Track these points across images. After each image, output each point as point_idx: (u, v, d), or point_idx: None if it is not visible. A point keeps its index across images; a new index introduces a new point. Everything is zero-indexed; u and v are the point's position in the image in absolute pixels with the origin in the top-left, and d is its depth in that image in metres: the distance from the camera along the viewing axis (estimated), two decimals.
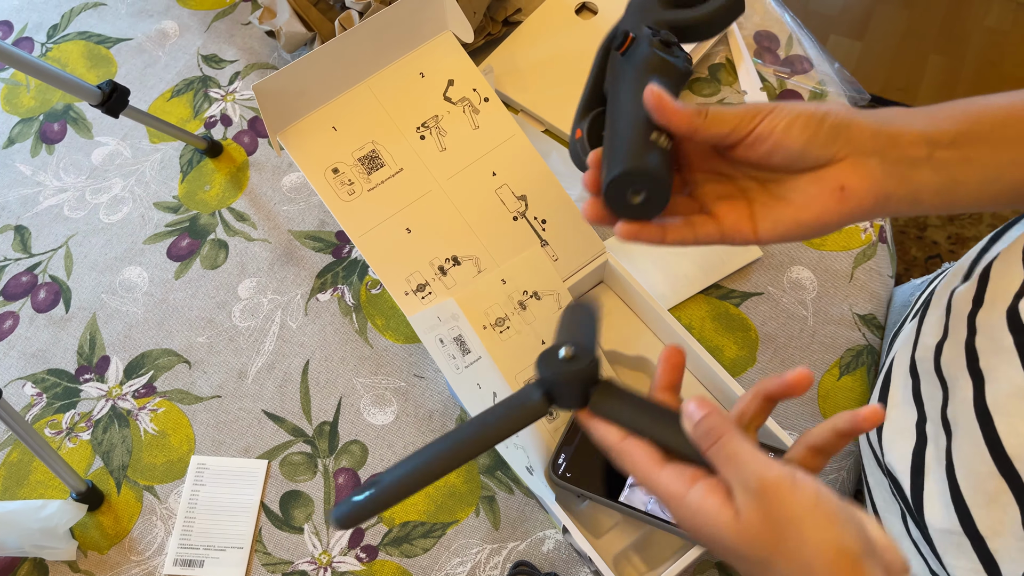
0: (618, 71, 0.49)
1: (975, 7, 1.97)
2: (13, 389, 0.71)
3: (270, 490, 0.67)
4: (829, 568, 0.34)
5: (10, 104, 0.86)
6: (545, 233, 0.66)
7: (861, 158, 0.42)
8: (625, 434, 0.42)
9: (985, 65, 1.89)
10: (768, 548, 0.35)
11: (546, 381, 0.43)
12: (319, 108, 0.64)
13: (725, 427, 0.38)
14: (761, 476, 0.36)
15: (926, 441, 0.52)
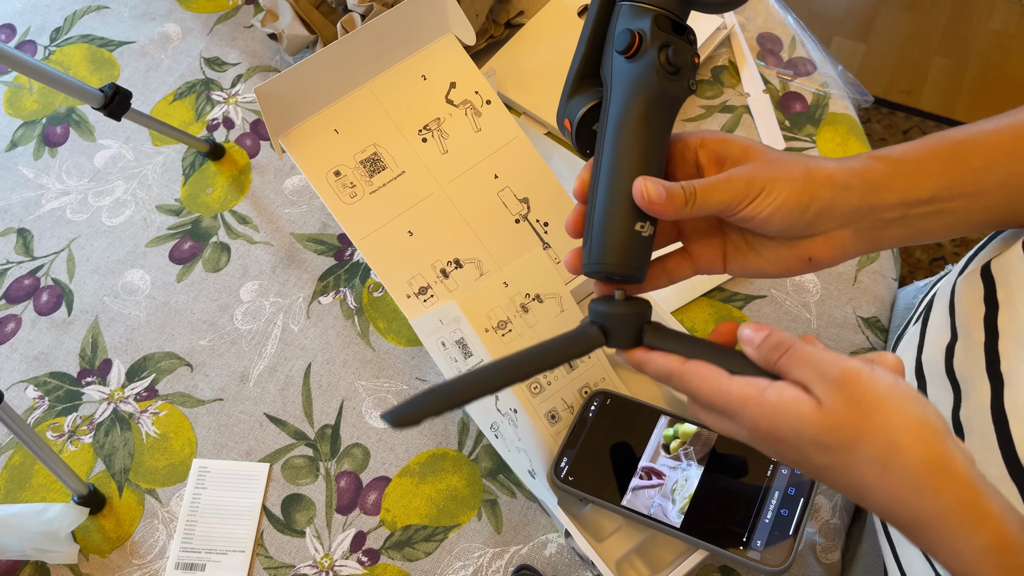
0: (618, 80, 0.46)
1: (979, 9, 1.97)
2: (15, 392, 0.71)
3: (272, 493, 0.67)
4: (917, 441, 0.35)
5: (12, 107, 0.86)
6: (547, 236, 0.66)
7: (836, 231, 0.45)
8: (684, 359, 0.43)
9: (989, 67, 1.88)
10: (852, 431, 0.36)
11: (603, 316, 0.45)
12: (321, 111, 0.64)
13: (790, 339, 0.40)
14: (841, 365, 0.37)
15: None
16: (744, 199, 0.43)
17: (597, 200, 0.46)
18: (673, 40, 0.45)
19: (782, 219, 0.43)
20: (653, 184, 0.43)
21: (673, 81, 0.45)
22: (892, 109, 1.82)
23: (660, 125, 0.45)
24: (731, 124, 0.80)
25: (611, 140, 0.46)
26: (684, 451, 0.60)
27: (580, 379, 0.65)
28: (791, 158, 0.45)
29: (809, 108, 0.81)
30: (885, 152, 0.46)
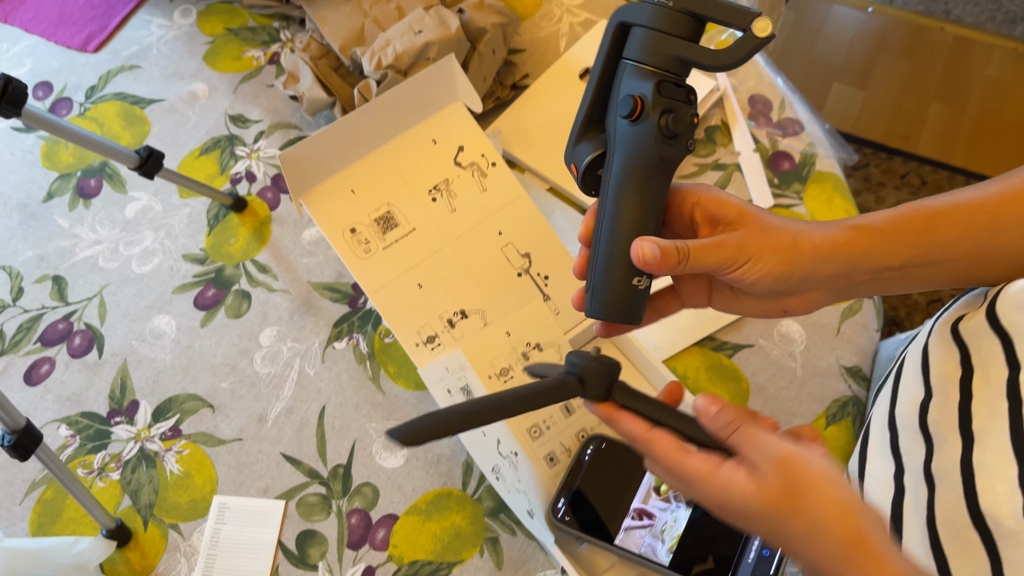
0: (620, 141, 0.49)
1: (976, 57, 2.02)
2: (49, 431, 0.76)
3: (287, 529, 0.71)
4: (838, 521, 0.42)
5: (49, 160, 0.92)
6: (547, 288, 0.71)
7: (813, 294, 0.51)
8: (650, 426, 0.48)
9: (986, 113, 1.93)
10: (787, 510, 0.43)
11: (579, 368, 0.50)
12: (339, 172, 0.70)
13: (740, 418, 0.46)
14: (779, 451, 0.44)
15: (904, 492, 0.56)
16: (733, 264, 0.48)
17: (599, 253, 0.50)
18: (674, 106, 0.47)
19: (766, 285, 0.48)
20: (649, 246, 0.48)
21: (672, 145, 0.47)
22: (890, 154, 1.87)
23: (658, 186, 0.49)
24: (723, 181, 0.85)
25: (612, 199, 0.49)
26: (673, 494, 0.64)
27: (577, 424, 0.69)
28: (779, 228, 0.49)
29: (797, 167, 0.86)
30: (867, 222, 0.50)
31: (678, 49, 0.46)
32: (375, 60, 0.80)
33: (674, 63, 0.47)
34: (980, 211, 0.50)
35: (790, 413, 0.73)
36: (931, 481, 0.52)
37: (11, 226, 0.87)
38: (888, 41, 2.06)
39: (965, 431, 0.50)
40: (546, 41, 0.96)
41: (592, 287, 0.51)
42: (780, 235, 0.48)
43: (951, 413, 0.52)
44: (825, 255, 0.48)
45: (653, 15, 0.46)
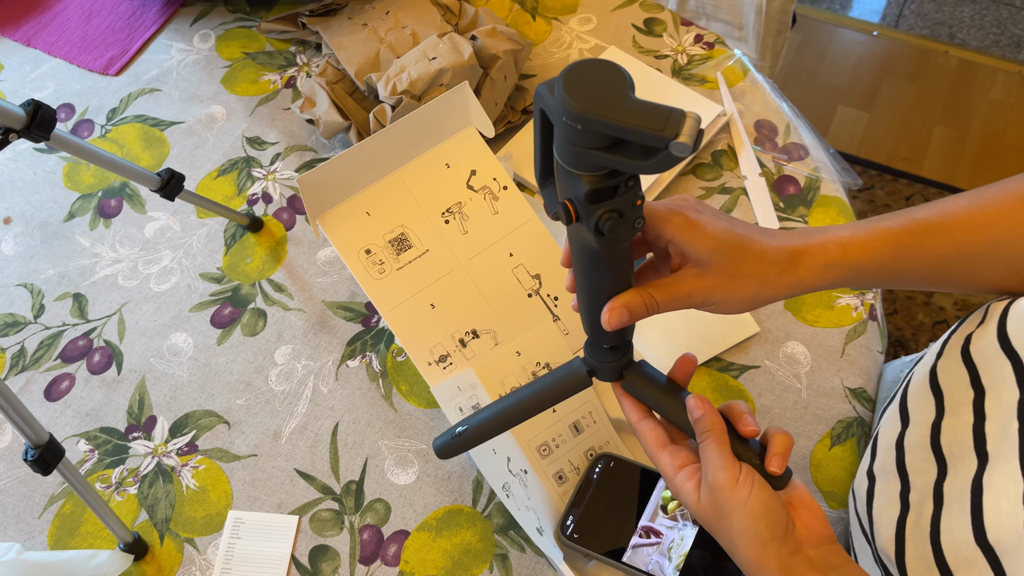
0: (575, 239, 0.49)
1: (980, 80, 2.05)
2: (68, 445, 0.78)
3: (300, 544, 0.72)
4: (746, 546, 0.50)
5: (71, 181, 0.94)
6: (557, 309, 0.73)
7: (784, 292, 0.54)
8: (643, 415, 0.56)
9: (990, 136, 1.95)
10: (715, 525, 0.52)
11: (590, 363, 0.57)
12: (355, 195, 0.71)
13: (712, 429, 0.52)
14: (714, 476, 0.50)
15: (908, 510, 0.57)
16: (702, 306, 0.54)
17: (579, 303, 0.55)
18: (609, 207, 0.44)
19: (736, 313, 0.55)
20: (616, 315, 0.51)
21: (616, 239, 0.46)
22: (895, 176, 1.89)
23: (614, 259, 0.50)
24: (729, 205, 0.86)
25: (577, 273, 0.52)
26: (680, 512, 0.65)
27: (586, 442, 0.71)
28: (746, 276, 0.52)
29: (802, 191, 0.87)
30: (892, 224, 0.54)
31: (601, 160, 0.42)
32: (390, 85, 0.82)
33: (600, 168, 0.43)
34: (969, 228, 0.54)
35: (795, 433, 0.74)
36: (940, 500, 0.53)
37: (33, 245, 0.90)
38: (893, 64, 2.09)
39: (980, 452, 0.52)
40: (556, 67, 0.98)
41: (586, 324, 0.55)
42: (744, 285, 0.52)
43: (965, 434, 0.53)
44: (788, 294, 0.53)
45: (566, 130, 0.41)
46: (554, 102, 0.41)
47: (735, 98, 0.94)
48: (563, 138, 0.42)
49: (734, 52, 0.98)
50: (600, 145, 0.42)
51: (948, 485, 0.53)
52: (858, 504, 0.64)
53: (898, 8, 2.19)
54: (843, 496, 0.71)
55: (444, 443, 0.61)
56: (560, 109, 0.41)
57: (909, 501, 0.57)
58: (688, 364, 0.57)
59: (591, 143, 0.42)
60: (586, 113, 0.40)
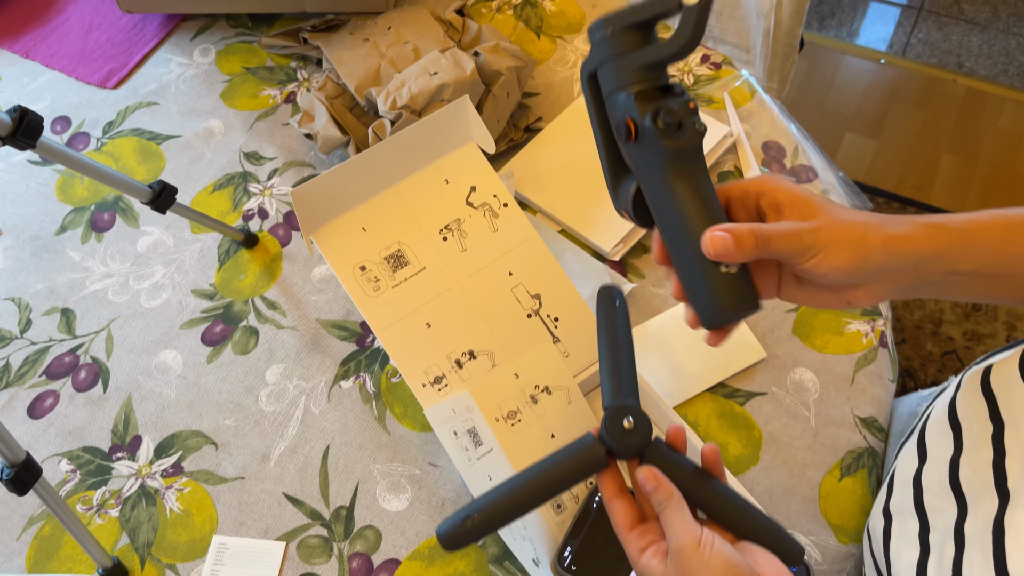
0: (640, 163, 0.50)
1: (988, 109, 2.03)
2: (49, 465, 0.75)
3: (286, 572, 0.69)
4: None
5: (64, 194, 0.92)
6: (557, 330, 0.70)
7: (878, 286, 0.48)
8: (616, 492, 0.52)
9: (998, 165, 1.93)
10: None
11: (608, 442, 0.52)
12: (350, 210, 0.69)
13: (669, 498, 0.49)
14: (677, 540, 0.47)
15: (929, 551, 0.54)
16: (807, 253, 0.47)
17: (681, 267, 0.50)
18: (661, 103, 0.47)
19: (835, 277, 0.47)
20: (718, 235, 0.47)
21: (680, 136, 0.47)
22: (903, 204, 1.87)
23: (694, 177, 0.48)
24: None
25: (663, 212, 0.49)
26: None
27: None
28: (850, 220, 0.48)
29: None
30: (943, 220, 0.48)
31: (635, 61, 0.48)
32: (390, 100, 0.81)
33: (639, 73, 0.48)
34: None
35: (803, 463, 0.71)
36: (961, 541, 0.51)
37: (23, 258, 0.88)
38: (900, 92, 2.08)
39: (1001, 490, 0.49)
40: (560, 85, 0.96)
41: (694, 302, 0.50)
42: (852, 228, 0.47)
43: (985, 471, 0.51)
44: (896, 250, 0.47)
45: (601, 50, 0.49)
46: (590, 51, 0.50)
47: (742, 119, 0.92)
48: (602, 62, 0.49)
49: (741, 73, 0.96)
50: (631, 46, 0.48)
51: (969, 525, 0.51)
52: (874, 544, 0.61)
53: (906, 36, 2.19)
54: (853, 530, 0.68)
55: (450, 531, 0.52)
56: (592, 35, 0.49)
57: (929, 543, 0.54)
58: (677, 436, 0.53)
59: (623, 45, 0.48)
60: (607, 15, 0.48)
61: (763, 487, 0.71)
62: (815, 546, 0.68)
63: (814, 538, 0.68)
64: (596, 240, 0.83)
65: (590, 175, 0.87)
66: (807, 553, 0.67)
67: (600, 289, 0.60)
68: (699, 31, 0.46)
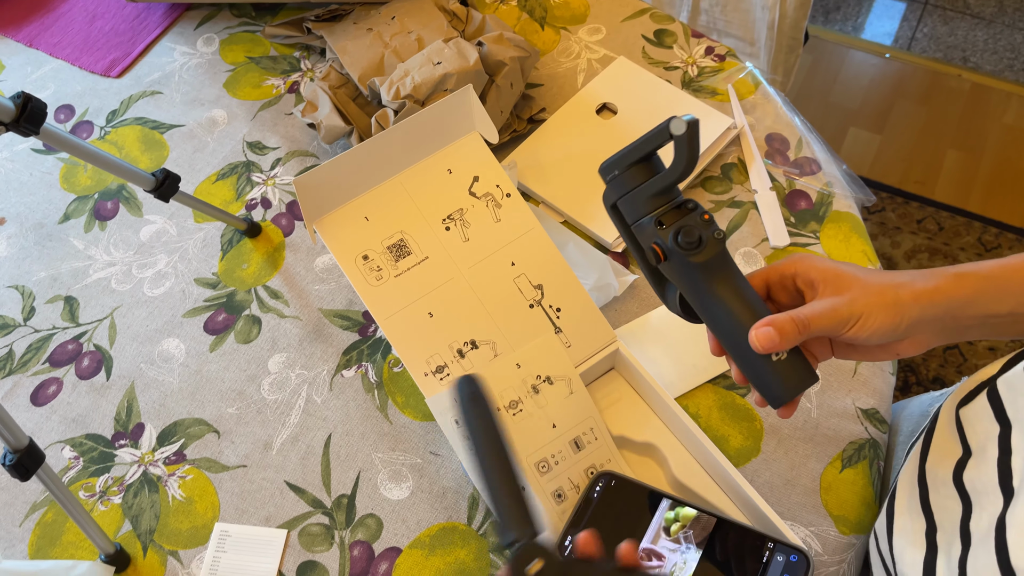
0: (675, 277, 0.55)
1: (993, 105, 2.03)
2: (52, 452, 0.75)
3: (288, 560, 0.69)
4: None
5: (68, 182, 0.92)
6: (559, 321, 0.70)
7: (921, 336, 0.52)
8: None
9: (1003, 161, 1.93)
10: None
11: None
12: (353, 200, 0.69)
13: None
14: None
15: (937, 551, 0.54)
16: (845, 325, 0.51)
17: (735, 358, 0.55)
18: (679, 223, 0.53)
19: (878, 338, 0.51)
20: (762, 332, 0.51)
21: (703, 250, 0.52)
22: (907, 199, 1.87)
23: (726, 279, 0.53)
24: (739, 219, 0.84)
25: (708, 315, 0.55)
26: (684, 534, 0.62)
27: (587, 460, 0.68)
28: (880, 284, 0.51)
29: (814, 206, 0.85)
30: (972, 269, 0.52)
31: (646, 191, 0.54)
32: (393, 90, 0.80)
33: (654, 200, 0.54)
34: None
35: (804, 455, 0.71)
36: (967, 539, 0.51)
37: (26, 246, 0.88)
38: (905, 87, 2.07)
39: (1006, 487, 0.49)
40: (564, 76, 0.96)
41: (758, 387, 0.55)
42: (884, 291, 0.51)
43: (990, 471, 0.51)
44: (928, 302, 0.51)
45: (616, 187, 0.56)
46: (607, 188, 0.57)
47: (746, 111, 0.92)
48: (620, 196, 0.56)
49: (746, 65, 0.96)
50: (640, 179, 0.54)
51: (974, 524, 0.51)
52: (880, 543, 0.62)
53: (911, 30, 2.18)
54: (854, 521, 0.68)
55: None
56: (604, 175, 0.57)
57: (936, 542, 0.54)
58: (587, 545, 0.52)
59: (633, 181, 0.55)
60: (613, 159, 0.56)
61: (764, 479, 0.71)
62: (816, 537, 0.68)
63: (815, 529, 0.68)
64: (598, 231, 0.83)
65: (593, 167, 0.86)
66: (807, 545, 0.68)
67: (454, 386, 0.57)
68: (694, 155, 0.51)
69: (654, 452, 0.70)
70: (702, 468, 0.68)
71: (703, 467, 0.68)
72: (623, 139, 0.88)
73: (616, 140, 0.88)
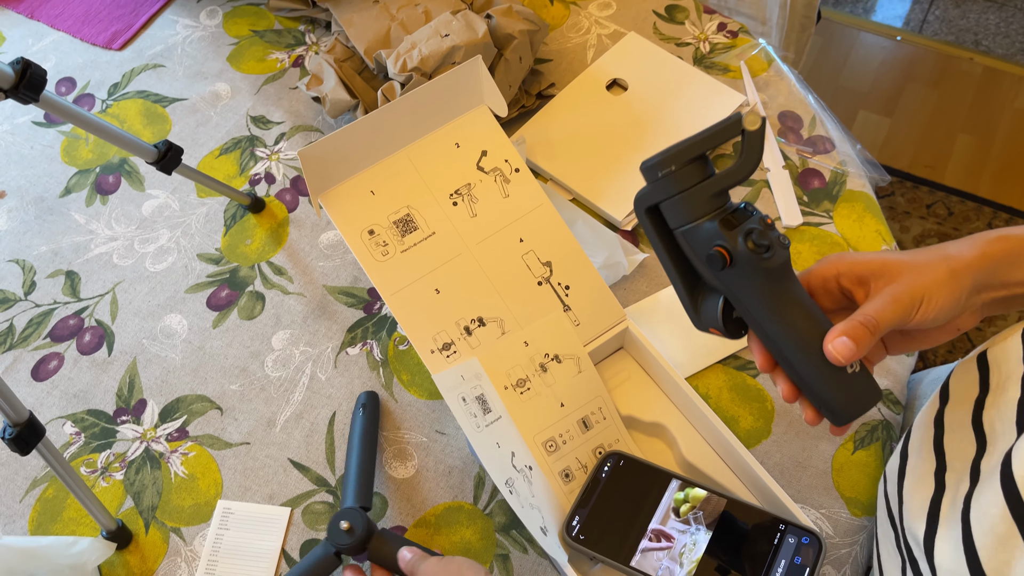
0: (734, 284, 0.50)
1: (1004, 89, 2.00)
2: (53, 427, 0.75)
3: (291, 537, 0.69)
4: None
5: (69, 156, 0.91)
6: (568, 298, 0.69)
7: (977, 305, 0.52)
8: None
9: (1014, 146, 1.91)
10: None
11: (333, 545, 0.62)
12: (359, 173, 0.68)
13: None
14: None
15: (944, 489, 0.54)
16: (912, 311, 0.49)
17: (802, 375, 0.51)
18: (747, 227, 0.49)
19: (945, 315, 0.50)
20: (841, 343, 0.49)
21: (773, 254, 0.49)
22: (916, 183, 1.85)
23: (792, 287, 0.50)
24: (751, 197, 0.83)
25: (772, 329, 0.50)
26: (694, 515, 0.61)
27: (595, 439, 0.67)
28: (930, 260, 0.50)
29: (827, 184, 0.84)
30: (1011, 232, 0.51)
31: (705, 191, 0.49)
32: (400, 62, 0.79)
33: (712, 201, 0.49)
34: None
35: (816, 436, 0.70)
36: (976, 477, 0.50)
37: (27, 220, 0.87)
38: (916, 70, 2.05)
39: (1021, 425, 0.49)
40: (573, 52, 0.94)
41: (821, 404, 0.52)
42: (935, 267, 0.50)
43: (1010, 409, 0.50)
44: (979, 268, 0.50)
45: (665, 187, 0.50)
46: (649, 188, 0.51)
47: (759, 88, 0.90)
48: (667, 196, 0.50)
49: (759, 41, 0.94)
50: (697, 178, 0.49)
51: (985, 462, 0.51)
52: (888, 485, 0.61)
53: (922, 13, 2.15)
54: (866, 503, 0.67)
55: None
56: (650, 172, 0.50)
57: (945, 481, 0.54)
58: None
59: (690, 179, 0.49)
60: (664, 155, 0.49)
61: (775, 460, 0.70)
62: (827, 519, 0.67)
63: (826, 511, 0.67)
64: (608, 209, 0.81)
65: (602, 144, 0.85)
66: (819, 527, 0.67)
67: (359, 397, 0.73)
68: (760, 151, 0.48)
69: (663, 432, 0.69)
70: (712, 449, 0.67)
71: (713, 448, 0.67)
72: (633, 115, 0.87)
73: (626, 117, 0.87)
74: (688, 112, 0.86)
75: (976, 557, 0.47)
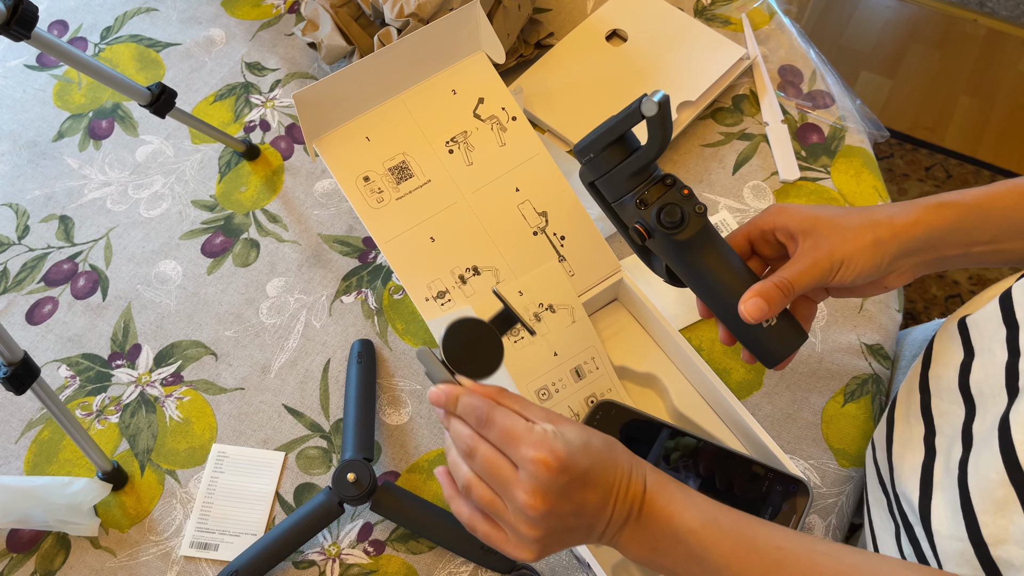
0: (661, 252, 0.57)
1: (1008, 52, 1.98)
2: (48, 371, 0.75)
3: (285, 481, 0.69)
4: None
5: (61, 100, 0.90)
6: (563, 249, 0.69)
7: (906, 268, 0.54)
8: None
9: (1015, 109, 1.89)
10: None
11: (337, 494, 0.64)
12: (354, 119, 0.67)
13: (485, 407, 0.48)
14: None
15: (935, 454, 0.54)
16: (829, 275, 0.52)
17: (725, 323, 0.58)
18: (660, 202, 0.54)
19: (863, 279, 0.53)
20: (752, 304, 0.52)
21: (685, 227, 0.53)
22: (916, 145, 1.84)
23: (711, 251, 0.55)
24: (748, 152, 0.82)
25: (696, 286, 0.57)
26: (683, 463, 0.62)
27: (587, 388, 0.67)
28: (859, 224, 0.52)
29: (825, 140, 0.83)
30: (955, 198, 0.53)
31: (624, 172, 0.55)
32: (397, 7, 0.78)
33: (632, 180, 0.55)
34: None
35: (807, 389, 0.71)
36: (969, 441, 0.51)
37: (20, 164, 0.86)
38: (919, 31, 2.02)
39: (1011, 388, 0.49)
40: (572, 1, 0.93)
41: (750, 349, 0.58)
42: (861, 232, 0.52)
43: (997, 372, 0.51)
44: (908, 236, 0.52)
45: (593, 169, 0.57)
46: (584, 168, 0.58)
47: (759, 41, 0.89)
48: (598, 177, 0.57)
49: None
50: (616, 160, 0.55)
51: (977, 426, 0.51)
52: (877, 452, 0.62)
53: None
54: (854, 455, 0.68)
55: None
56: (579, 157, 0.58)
57: (935, 446, 0.54)
58: None
59: (610, 162, 0.55)
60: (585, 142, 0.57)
61: (765, 412, 0.70)
62: (815, 470, 0.68)
63: (814, 462, 0.68)
64: None
65: (600, 94, 0.85)
66: (806, 476, 0.67)
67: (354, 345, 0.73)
68: (667, 132, 0.53)
69: (655, 383, 0.70)
70: (703, 400, 0.68)
71: (704, 399, 0.68)
72: (633, 67, 0.86)
73: (626, 68, 0.86)
74: (687, 64, 0.85)
75: (975, 522, 0.48)
